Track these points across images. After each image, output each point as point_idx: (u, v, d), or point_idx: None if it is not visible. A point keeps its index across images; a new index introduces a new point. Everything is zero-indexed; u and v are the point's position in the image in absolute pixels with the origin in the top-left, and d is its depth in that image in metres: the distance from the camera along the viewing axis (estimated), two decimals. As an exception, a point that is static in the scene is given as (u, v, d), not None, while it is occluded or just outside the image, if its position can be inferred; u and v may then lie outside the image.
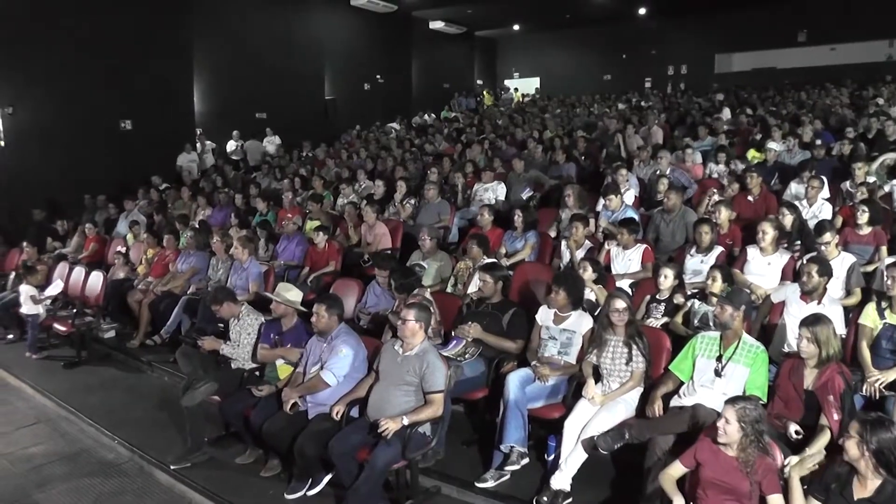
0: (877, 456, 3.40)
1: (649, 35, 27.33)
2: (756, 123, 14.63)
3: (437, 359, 5.08)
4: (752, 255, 6.69)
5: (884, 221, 7.44)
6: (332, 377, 5.30)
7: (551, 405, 5.40)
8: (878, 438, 3.40)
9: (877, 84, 18.88)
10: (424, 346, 5.12)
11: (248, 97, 19.72)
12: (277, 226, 10.59)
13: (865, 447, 3.42)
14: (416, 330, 5.10)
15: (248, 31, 19.52)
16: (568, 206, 8.62)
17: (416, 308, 5.18)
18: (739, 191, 9.02)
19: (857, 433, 3.45)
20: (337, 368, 5.32)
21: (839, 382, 4.36)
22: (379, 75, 25.33)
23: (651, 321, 6.09)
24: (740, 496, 3.81)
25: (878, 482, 3.45)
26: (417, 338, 5.11)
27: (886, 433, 3.41)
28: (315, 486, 5.27)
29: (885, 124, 11.82)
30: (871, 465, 3.43)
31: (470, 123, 20.60)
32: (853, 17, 22.63)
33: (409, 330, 5.08)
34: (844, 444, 3.52)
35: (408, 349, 5.11)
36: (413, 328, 5.09)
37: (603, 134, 14.99)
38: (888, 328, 5.16)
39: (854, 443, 3.46)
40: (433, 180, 11.02)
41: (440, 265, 7.71)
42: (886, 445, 3.39)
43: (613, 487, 5.11)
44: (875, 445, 3.39)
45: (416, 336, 5.11)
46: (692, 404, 4.77)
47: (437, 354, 5.14)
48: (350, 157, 16.62)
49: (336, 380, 5.30)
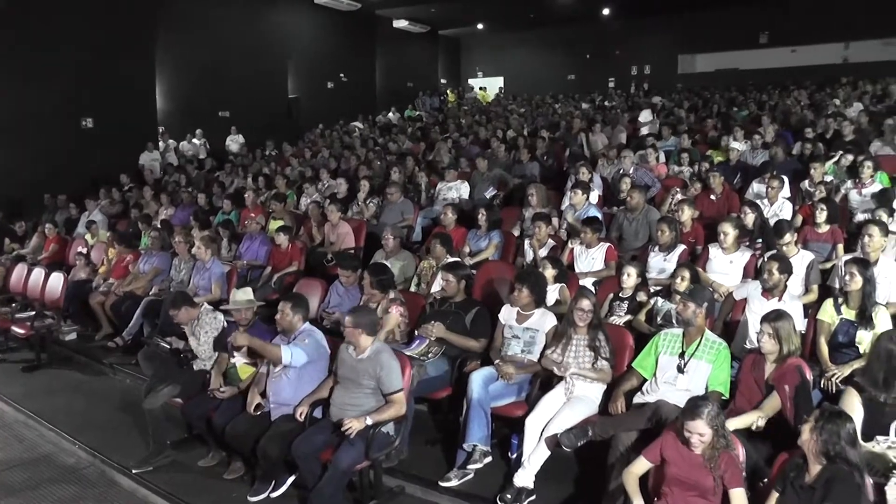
0: (823, 444, 3.48)
1: (613, 35, 27.55)
2: (717, 124, 14.83)
3: (391, 358, 5.04)
4: (715, 254, 6.79)
5: (840, 220, 7.60)
6: (288, 353, 5.20)
7: (514, 403, 5.42)
8: (828, 428, 3.48)
9: (833, 86, 19.27)
10: (376, 348, 5.08)
11: (211, 95, 19.59)
12: (240, 225, 10.52)
13: (817, 434, 3.50)
14: (357, 335, 5.03)
15: (212, 28, 19.36)
16: (531, 206, 8.63)
17: (354, 314, 5.12)
18: (702, 190, 9.16)
19: (814, 419, 3.55)
20: (296, 352, 5.24)
21: (796, 376, 4.43)
22: (343, 74, 25.23)
23: (614, 319, 6.15)
24: (704, 492, 3.86)
25: (819, 468, 3.54)
26: (363, 342, 5.06)
27: (837, 425, 3.49)
28: (279, 487, 5.24)
29: (842, 125, 12.05)
30: (816, 450, 3.51)
31: (434, 122, 20.58)
32: (811, 21, 23.11)
33: (351, 336, 5.04)
34: (801, 427, 3.60)
35: (360, 353, 5.07)
36: (352, 333, 5.03)
37: (566, 133, 15.06)
38: (844, 323, 5.28)
39: (808, 427, 3.55)
40: (396, 179, 11.00)
41: (403, 264, 7.70)
42: (832, 437, 3.47)
43: (576, 484, 5.14)
44: (825, 435, 3.47)
45: (361, 340, 5.05)
46: (655, 401, 4.83)
47: (390, 354, 5.09)
48: (313, 155, 16.55)
49: (290, 357, 5.20)
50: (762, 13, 24.21)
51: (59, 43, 15.04)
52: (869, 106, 15.58)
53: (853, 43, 23.57)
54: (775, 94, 19.25)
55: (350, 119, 22.55)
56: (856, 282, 5.26)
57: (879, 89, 17.92)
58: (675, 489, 3.94)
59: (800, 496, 3.56)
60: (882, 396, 4.13)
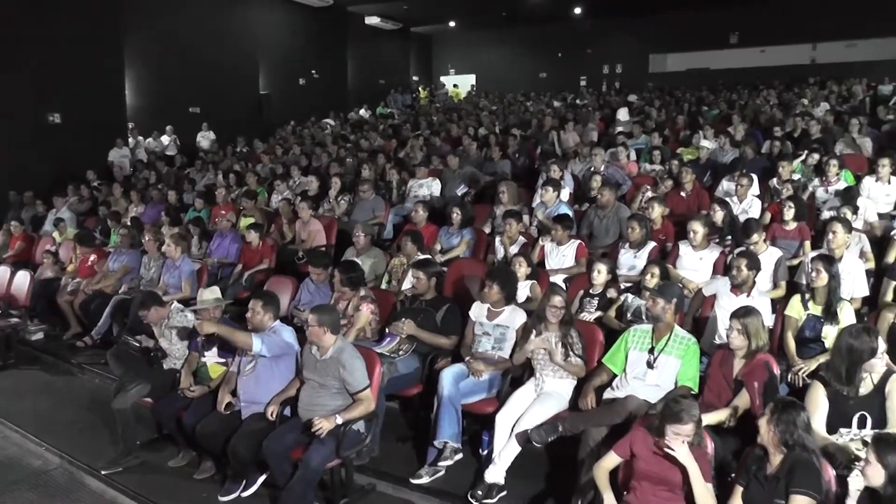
0: (781, 434, 3.55)
1: (585, 34, 27.67)
2: (688, 122, 14.98)
3: (354, 357, 5.01)
4: (685, 251, 6.85)
5: (808, 217, 7.70)
6: (259, 343, 5.15)
7: (485, 400, 5.44)
8: (784, 418, 3.55)
9: (801, 86, 19.56)
10: (339, 346, 5.05)
11: (182, 91, 19.36)
12: (211, 223, 10.45)
13: (773, 425, 3.57)
14: (321, 334, 5.00)
15: (182, 23, 19.12)
16: (502, 203, 8.69)
17: (317, 312, 5.09)
18: (673, 187, 9.24)
19: (769, 412, 3.63)
20: (268, 341, 5.20)
21: (764, 372, 4.50)
22: (314, 70, 25.13)
23: (585, 315, 6.19)
24: (673, 486, 3.91)
25: (780, 458, 3.60)
26: (326, 341, 5.03)
27: (791, 415, 3.57)
28: (249, 486, 5.22)
29: (809, 124, 12.27)
30: (775, 441, 3.59)
31: (406, 120, 20.56)
32: (780, 22, 23.43)
33: (314, 334, 5.01)
34: (758, 422, 3.67)
35: (323, 353, 5.05)
36: (316, 332, 5.00)
37: (538, 131, 15.11)
38: (811, 319, 5.36)
39: (765, 420, 3.62)
40: (368, 177, 10.98)
41: (374, 262, 7.68)
42: (789, 426, 3.54)
43: (547, 479, 5.18)
44: (782, 425, 3.55)
45: (324, 339, 5.02)
46: (625, 396, 4.88)
47: (352, 353, 5.05)
48: (285, 152, 16.46)
49: (261, 346, 5.15)
50: (732, 14, 24.49)
51: (25, 37, 14.77)
52: (835, 106, 15.83)
53: (820, 44, 23.94)
54: (745, 94, 19.42)
55: (321, 116, 22.45)
56: (821, 278, 5.33)
57: (844, 90, 18.21)
58: (645, 483, 3.98)
59: (764, 487, 3.62)
60: (845, 390, 4.19)
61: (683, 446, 3.79)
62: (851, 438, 4.05)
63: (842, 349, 4.26)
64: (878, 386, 4.19)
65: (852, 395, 4.18)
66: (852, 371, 4.18)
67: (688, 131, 13.57)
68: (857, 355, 4.18)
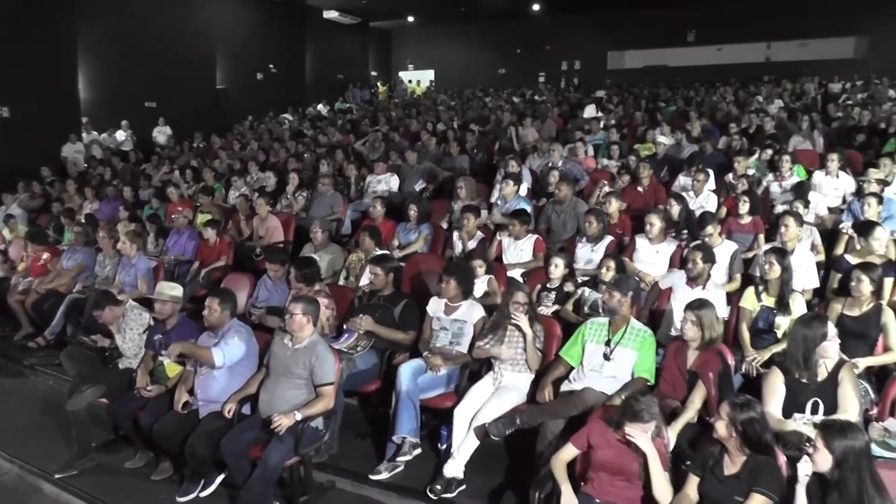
0: (744, 435, 3.62)
1: (544, 31, 27.72)
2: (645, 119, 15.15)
3: (327, 351, 5.06)
4: (641, 244, 6.94)
5: (762, 211, 7.84)
6: (220, 356, 5.17)
7: (444, 395, 5.47)
8: (744, 419, 3.61)
9: (757, 83, 19.92)
10: (314, 339, 5.09)
11: (137, 85, 19.02)
12: (167, 219, 10.32)
13: (734, 428, 3.63)
14: (304, 323, 5.05)
15: (137, 15, 18.77)
16: (460, 198, 8.71)
17: (303, 302, 5.14)
18: (630, 182, 9.34)
19: (726, 415, 3.66)
20: (228, 351, 5.21)
21: (718, 362, 4.60)
22: (272, 65, 24.87)
23: (542, 309, 6.21)
24: (630, 476, 3.97)
25: (743, 458, 3.67)
26: (305, 331, 5.07)
27: (751, 413, 3.63)
28: (208, 486, 5.19)
29: (764, 120, 12.55)
30: (737, 443, 3.65)
31: (364, 115, 20.50)
32: (736, 21, 23.75)
33: (296, 323, 5.03)
34: (715, 424, 3.72)
35: (297, 342, 5.07)
36: (300, 321, 5.03)
37: (496, 127, 15.17)
38: (765, 310, 5.48)
39: (724, 424, 3.67)
40: (326, 172, 10.94)
41: (332, 258, 7.67)
42: (751, 424, 3.62)
43: (506, 473, 5.21)
44: (742, 427, 3.61)
45: (304, 329, 5.06)
46: (582, 388, 4.93)
47: (326, 347, 5.11)
48: (242, 148, 16.32)
49: (223, 359, 5.18)
50: (690, 13, 24.70)
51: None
52: (788, 103, 16.14)
53: (774, 43, 24.32)
54: (702, 91, 19.72)
55: (279, 111, 22.27)
56: (774, 270, 5.46)
57: (797, 88, 18.57)
58: (602, 474, 4.04)
59: (724, 483, 3.68)
60: (804, 376, 4.33)
61: (645, 434, 3.86)
62: (805, 423, 4.16)
63: (797, 338, 4.40)
64: (832, 374, 4.32)
65: (810, 381, 4.32)
66: (808, 356, 4.32)
67: (645, 127, 13.69)
68: (810, 341, 4.32)
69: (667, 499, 3.84)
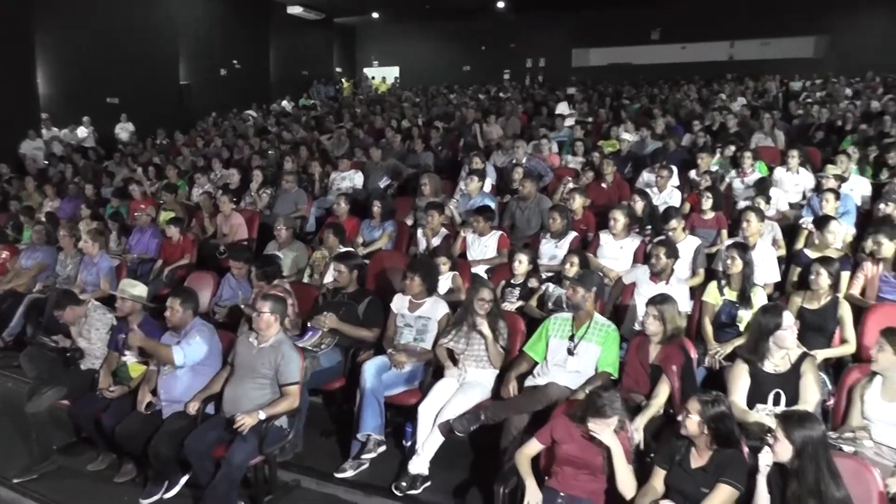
0: (715, 432, 3.68)
1: (508, 28, 27.80)
2: (609, 116, 15.26)
3: (293, 350, 5.05)
4: (605, 240, 7.01)
5: (725, 207, 7.96)
6: (181, 355, 5.13)
7: (408, 391, 5.46)
8: (715, 415, 3.67)
9: (720, 81, 20.15)
10: (279, 338, 5.06)
11: (98, 81, 18.71)
12: (130, 217, 10.20)
13: (705, 426, 3.68)
14: (271, 322, 5.02)
15: (98, 9, 18.47)
16: (424, 195, 8.73)
17: (272, 300, 5.11)
18: (594, 179, 9.41)
19: (697, 413, 3.70)
20: (189, 351, 5.17)
21: (680, 356, 4.67)
22: (235, 61, 24.66)
23: (506, 305, 6.22)
24: (594, 470, 4.01)
25: (710, 452, 3.72)
26: (272, 330, 5.04)
27: (722, 409, 3.69)
28: (172, 488, 5.13)
29: (727, 118, 12.70)
30: (707, 439, 3.71)
31: (329, 112, 20.43)
32: (700, 20, 24.00)
33: (263, 322, 5.00)
34: (685, 422, 3.75)
35: (263, 341, 5.04)
36: (268, 320, 5.01)
37: (461, 124, 15.19)
38: (727, 304, 5.57)
39: (695, 422, 3.70)
40: (290, 169, 10.90)
41: (296, 255, 7.65)
42: (722, 420, 3.67)
43: (471, 469, 5.22)
44: (714, 423, 3.67)
45: (271, 328, 5.03)
46: (546, 383, 4.97)
47: (291, 346, 5.09)
48: (206, 145, 16.19)
49: (184, 359, 5.14)
50: (654, 11, 24.91)
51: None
52: (751, 101, 16.35)
53: (737, 42, 24.63)
54: (666, 89, 19.86)
55: (243, 107, 22.06)
56: (736, 265, 5.56)
57: (760, 86, 18.81)
58: (566, 468, 4.07)
59: (691, 476, 3.73)
60: (763, 366, 4.44)
61: (608, 428, 3.90)
62: (767, 413, 4.26)
63: (752, 324, 4.62)
64: (795, 365, 4.42)
65: (771, 373, 4.43)
66: (759, 343, 4.46)
67: (609, 124, 13.79)
68: (764, 329, 4.45)
69: (631, 492, 3.88)
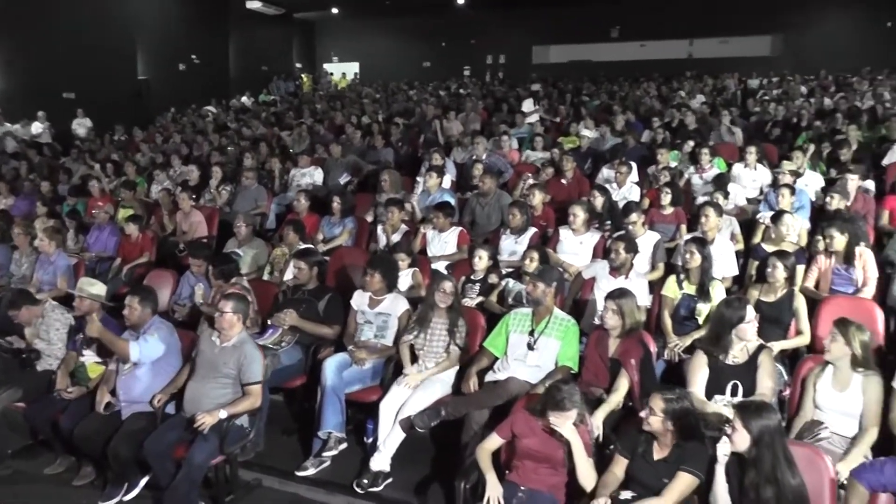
0: (679, 426, 3.74)
1: (468, 25, 27.73)
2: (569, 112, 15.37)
3: (255, 350, 5.03)
4: (565, 236, 7.08)
5: (684, 202, 8.06)
6: (136, 350, 5.07)
7: (369, 388, 5.48)
8: (678, 410, 3.73)
9: (680, 78, 20.38)
10: (242, 338, 5.04)
11: (54, 75, 18.35)
12: (87, 215, 10.06)
13: (670, 422, 3.74)
14: (234, 322, 5.00)
15: (52, 1, 18.13)
16: (384, 191, 8.74)
17: (234, 299, 5.08)
18: (554, 175, 9.47)
19: (661, 411, 3.75)
20: (146, 348, 5.11)
21: (639, 349, 4.75)
22: (194, 55, 24.35)
23: (467, 301, 6.24)
24: (555, 463, 4.06)
25: (672, 444, 3.79)
26: (235, 329, 5.02)
27: (685, 404, 3.77)
28: (131, 490, 5.08)
29: (686, 115, 12.88)
30: (670, 433, 3.77)
31: (288, 107, 20.30)
32: (659, 18, 24.17)
33: (226, 321, 4.97)
34: (648, 418, 3.80)
35: (225, 340, 5.01)
36: (231, 320, 4.98)
37: (421, 120, 15.20)
38: (686, 298, 5.68)
39: (659, 420, 3.75)
40: (250, 165, 10.83)
41: (256, 252, 7.62)
42: (686, 415, 3.74)
43: (433, 464, 5.27)
44: (677, 420, 3.73)
45: (234, 328, 5.01)
46: (506, 378, 5.03)
47: (254, 345, 5.08)
48: (165, 141, 16.03)
49: (139, 355, 5.08)
50: (613, 9, 25.01)
51: None
52: (709, 98, 16.56)
53: (696, 40, 24.85)
54: (626, 86, 19.99)
55: (202, 103, 21.81)
56: (695, 259, 5.66)
57: (719, 83, 19.06)
58: (527, 462, 4.12)
59: (653, 467, 3.80)
60: (722, 357, 4.53)
61: (568, 422, 3.94)
62: (725, 404, 4.34)
63: (715, 317, 4.68)
64: (752, 357, 4.52)
65: (729, 364, 4.52)
66: (721, 335, 4.54)
67: (569, 121, 13.88)
68: (726, 321, 4.53)
69: (591, 484, 3.92)
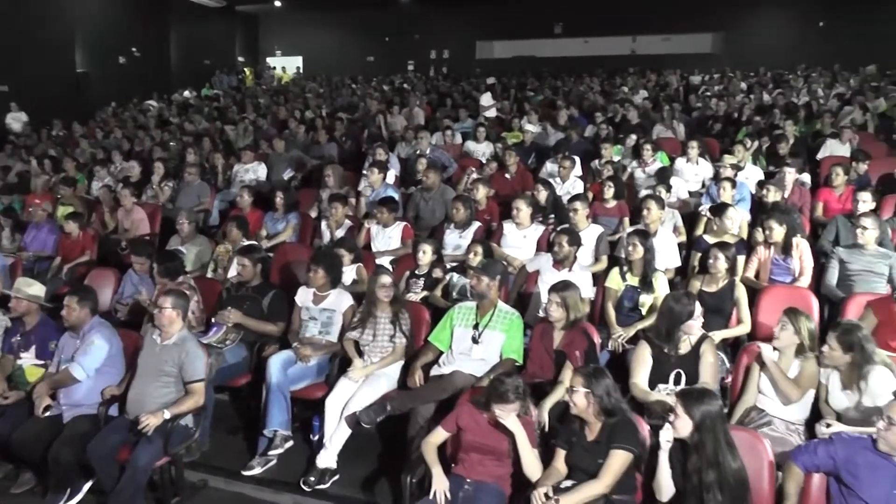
0: (600, 402, 3.81)
1: (412, 19, 27.74)
2: (513, 107, 15.47)
3: (197, 347, 4.99)
4: (509, 229, 7.15)
5: (626, 196, 8.22)
6: (80, 371, 5.01)
7: (315, 385, 5.48)
8: (598, 387, 3.81)
9: (623, 74, 20.64)
10: (183, 335, 4.99)
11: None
12: (25, 213, 9.86)
13: (591, 397, 3.81)
14: (174, 318, 4.95)
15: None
16: (328, 187, 8.73)
17: (173, 295, 5.04)
18: (498, 169, 9.54)
19: (581, 385, 3.84)
20: (87, 361, 5.04)
21: (584, 340, 4.83)
22: (135, 48, 23.91)
23: (411, 296, 6.29)
24: (500, 455, 4.11)
25: (600, 424, 3.86)
26: (175, 326, 4.97)
27: (602, 380, 3.85)
28: (74, 495, 4.96)
29: (629, 110, 13.10)
30: (595, 410, 3.84)
31: (231, 102, 20.10)
32: (603, 15, 24.43)
33: (166, 318, 4.93)
34: (572, 398, 3.88)
35: (166, 338, 4.97)
36: (170, 316, 4.93)
37: (365, 115, 15.19)
38: (629, 289, 5.80)
39: (581, 394, 3.84)
40: (193, 161, 10.71)
41: (199, 250, 7.55)
42: (605, 393, 3.82)
43: (379, 460, 5.30)
44: (598, 392, 3.80)
45: (174, 324, 4.97)
46: (451, 372, 5.07)
47: (196, 343, 5.03)
48: (105, 136, 15.76)
49: (85, 373, 5.03)
50: (557, 5, 25.15)
51: None
52: (652, 94, 16.82)
53: (639, 37, 25.20)
54: (569, 81, 20.19)
55: (144, 97, 21.43)
56: (638, 251, 5.77)
57: (662, 79, 19.40)
58: (473, 454, 4.16)
59: (588, 450, 3.86)
60: (666, 348, 4.63)
61: (512, 414, 3.99)
62: (668, 393, 4.44)
63: (665, 311, 4.72)
64: (695, 347, 4.63)
65: (672, 354, 4.63)
66: (672, 330, 4.63)
67: (512, 115, 13.98)
68: (676, 316, 4.62)
69: (537, 474, 3.97)
